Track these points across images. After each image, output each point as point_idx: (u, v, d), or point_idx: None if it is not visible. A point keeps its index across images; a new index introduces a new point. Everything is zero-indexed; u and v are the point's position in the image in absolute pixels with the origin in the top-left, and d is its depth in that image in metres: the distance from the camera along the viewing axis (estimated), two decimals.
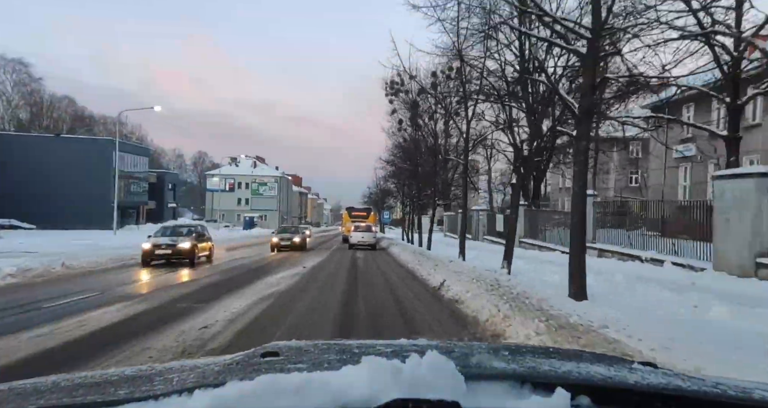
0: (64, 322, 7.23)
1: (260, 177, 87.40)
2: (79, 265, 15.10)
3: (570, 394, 0.94)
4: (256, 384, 0.92)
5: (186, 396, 0.96)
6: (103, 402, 1.02)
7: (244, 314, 8.09)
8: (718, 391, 1.10)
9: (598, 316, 6.17)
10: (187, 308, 8.51)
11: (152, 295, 10.24)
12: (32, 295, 10.07)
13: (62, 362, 5.28)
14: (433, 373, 0.93)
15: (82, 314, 7.91)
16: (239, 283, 12.01)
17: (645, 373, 1.21)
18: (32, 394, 1.16)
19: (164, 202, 65.99)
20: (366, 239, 27.32)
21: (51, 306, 8.72)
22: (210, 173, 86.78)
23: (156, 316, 7.91)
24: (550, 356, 1.43)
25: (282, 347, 1.44)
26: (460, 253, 17.18)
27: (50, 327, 6.94)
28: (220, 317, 7.71)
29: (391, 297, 10.66)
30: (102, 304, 8.89)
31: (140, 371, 1.35)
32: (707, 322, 6.63)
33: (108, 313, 8.12)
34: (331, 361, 1.25)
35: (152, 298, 9.88)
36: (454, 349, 1.45)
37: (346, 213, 39.08)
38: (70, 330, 6.77)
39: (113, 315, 7.94)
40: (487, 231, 30.15)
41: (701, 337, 5.47)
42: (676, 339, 5.15)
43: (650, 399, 1.03)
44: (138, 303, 9.23)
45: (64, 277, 13.19)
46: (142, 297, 10.09)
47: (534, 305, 7.04)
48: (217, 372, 1.18)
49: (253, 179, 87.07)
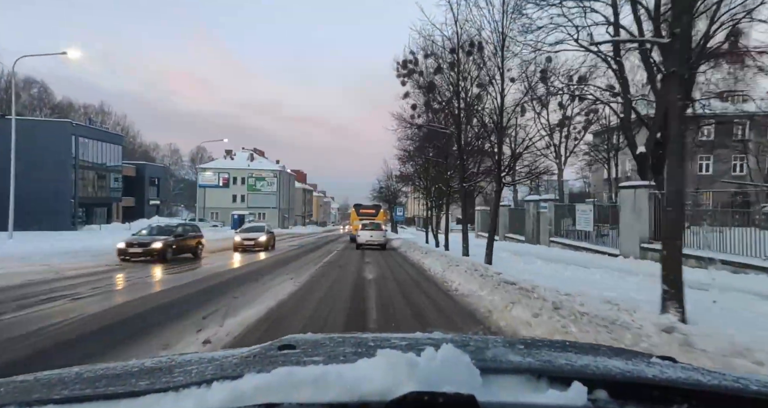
0: None
1: (258, 171, 79.12)
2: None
3: (587, 388, 0.94)
4: (273, 376, 0.94)
5: (205, 388, 0.97)
6: (124, 393, 1.02)
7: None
8: (739, 386, 1.08)
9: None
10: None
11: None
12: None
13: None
14: (449, 366, 0.94)
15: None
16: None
17: (663, 368, 1.21)
18: (57, 384, 1.19)
19: (145, 199, 57.85)
20: (375, 238, 25.18)
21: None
22: (202, 167, 78.83)
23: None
24: (567, 350, 1.42)
25: (298, 340, 1.48)
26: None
27: None
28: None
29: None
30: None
31: (160, 363, 1.36)
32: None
33: None
34: (346, 354, 1.26)
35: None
36: (469, 342, 1.46)
37: (353, 210, 37.23)
38: None
39: None
40: (554, 230, 21.79)
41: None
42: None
43: (669, 393, 1.01)
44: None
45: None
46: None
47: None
48: (235, 364, 1.20)
49: (250, 174, 78.84)
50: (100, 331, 6.43)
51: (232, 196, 77.98)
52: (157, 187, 62.65)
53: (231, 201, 77.09)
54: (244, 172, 78.86)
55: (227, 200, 76.51)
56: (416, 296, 9.96)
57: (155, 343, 5.80)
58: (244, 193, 78.57)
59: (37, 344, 5.73)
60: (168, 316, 7.49)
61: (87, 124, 48.66)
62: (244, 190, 78.65)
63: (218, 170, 77.91)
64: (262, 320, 7.14)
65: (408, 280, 12.91)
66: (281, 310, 8.01)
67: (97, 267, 14.57)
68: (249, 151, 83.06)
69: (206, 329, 6.44)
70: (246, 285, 11.09)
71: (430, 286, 11.77)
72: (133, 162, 59.30)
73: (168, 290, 10.26)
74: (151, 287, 10.81)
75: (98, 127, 51.79)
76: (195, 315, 7.44)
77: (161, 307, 8.32)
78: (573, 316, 6.02)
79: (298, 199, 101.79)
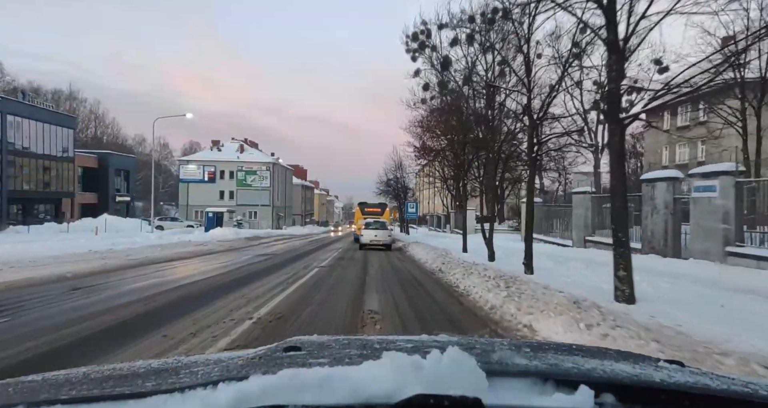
0: None
1: (248, 164, 70.10)
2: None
3: (594, 392, 0.93)
4: (279, 378, 0.94)
5: (211, 389, 0.97)
6: (131, 393, 1.03)
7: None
8: (748, 391, 1.07)
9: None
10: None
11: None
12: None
13: None
14: (455, 368, 0.94)
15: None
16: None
17: (671, 372, 1.20)
18: (64, 384, 1.20)
19: (109, 194, 48.95)
20: (380, 238, 24.15)
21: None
22: (184, 159, 70.05)
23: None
24: (573, 353, 1.41)
25: (304, 342, 1.47)
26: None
27: None
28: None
29: None
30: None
31: (166, 364, 1.37)
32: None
33: None
34: (352, 356, 1.26)
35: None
36: (475, 345, 1.45)
37: (358, 209, 35.46)
38: None
39: None
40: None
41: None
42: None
43: (676, 398, 1.01)
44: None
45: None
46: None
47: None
48: (241, 366, 1.20)
49: (240, 167, 69.88)
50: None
51: (220, 192, 69.26)
52: (126, 180, 53.74)
53: (218, 198, 68.28)
54: (232, 164, 70.04)
55: (214, 197, 67.79)
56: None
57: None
58: (233, 189, 69.63)
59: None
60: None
61: (18, 98, 39.35)
62: (233, 186, 69.72)
63: (203, 163, 69.13)
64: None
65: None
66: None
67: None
68: (239, 142, 73.97)
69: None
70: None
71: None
72: (95, 151, 50.42)
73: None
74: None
75: (43, 107, 42.59)
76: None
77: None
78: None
79: (296, 196, 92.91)
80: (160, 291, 9.07)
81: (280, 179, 76.69)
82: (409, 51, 23.65)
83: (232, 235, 33.61)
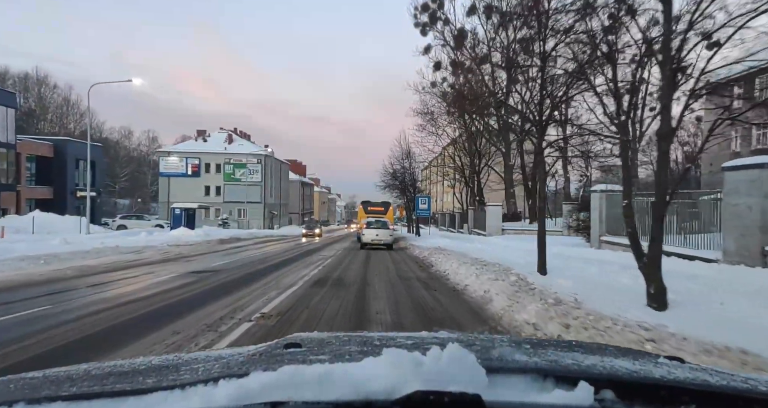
0: None
1: (237, 156, 62.88)
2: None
3: (593, 388, 0.94)
4: (279, 374, 0.94)
5: (211, 385, 0.97)
6: (132, 390, 1.02)
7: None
8: (747, 387, 1.07)
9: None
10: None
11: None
12: None
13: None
14: (454, 365, 0.94)
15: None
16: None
17: (671, 368, 1.20)
18: (65, 381, 1.19)
19: (67, 189, 41.82)
20: (381, 237, 24.37)
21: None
22: (164, 151, 62.90)
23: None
24: (573, 350, 1.40)
25: (304, 339, 1.47)
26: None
27: None
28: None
29: None
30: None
31: (167, 361, 1.36)
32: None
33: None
34: (352, 353, 1.25)
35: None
36: (475, 342, 1.44)
37: (361, 208, 35.24)
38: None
39: None
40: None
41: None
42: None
43: (676, 394, 1.00)
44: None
45: None
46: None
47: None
48: (241, 362, 1.19)
49: (227, 159, 62.72)
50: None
51: (205, 188, 62.27)
52: (92, 173, 46.35)
53: (203, 193, 61.24)
54: (219, 157, 63.01)
55: (199, 192, 60.80)
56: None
57: None
58: (220, 184, 62.50)
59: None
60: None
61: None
62: (220, 180, 62.58)
63: (185, 155, 61.97)
64: None
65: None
66: None
67: None
68: (227, 132, 66.70)
69: None
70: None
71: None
72: (51, 138, 43.25)
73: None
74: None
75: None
76: None
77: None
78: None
79: (293, 193, 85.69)
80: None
81: (274, 174, 69.54)
82: (418, 25, 21.41)
83: (198, 236, 26.68)
